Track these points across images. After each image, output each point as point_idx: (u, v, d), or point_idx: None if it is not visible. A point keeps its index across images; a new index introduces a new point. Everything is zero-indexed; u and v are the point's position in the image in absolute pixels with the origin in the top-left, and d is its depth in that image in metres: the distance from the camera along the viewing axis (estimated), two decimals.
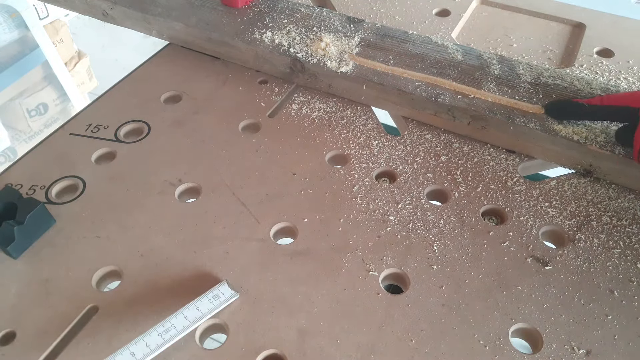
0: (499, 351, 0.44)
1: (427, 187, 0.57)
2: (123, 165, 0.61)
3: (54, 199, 0.57)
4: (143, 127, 0.65)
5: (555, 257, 0.51)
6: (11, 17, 1.53)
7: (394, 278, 0.51)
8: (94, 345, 0.45)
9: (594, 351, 0.44)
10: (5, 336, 0.46)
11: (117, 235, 0.54)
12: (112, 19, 0.78)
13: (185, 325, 0.45)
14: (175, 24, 0.72)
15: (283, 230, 0.55)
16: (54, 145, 0.63)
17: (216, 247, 0.52)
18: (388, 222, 0.54)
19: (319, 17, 0.72)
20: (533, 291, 0.48)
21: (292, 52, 0.67)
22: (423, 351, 0.45)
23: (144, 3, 0.75)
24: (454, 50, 0.67)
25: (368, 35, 0.69)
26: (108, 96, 0.70)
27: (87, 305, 0.48)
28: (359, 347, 0.45)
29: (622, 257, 0.51)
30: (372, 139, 0.63)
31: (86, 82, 1.86)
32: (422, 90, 0.62)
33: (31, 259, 0.52)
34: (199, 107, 0.67)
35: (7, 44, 1.55)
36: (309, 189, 0.57)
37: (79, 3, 0.79)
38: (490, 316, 0.47)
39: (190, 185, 0.59)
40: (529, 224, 0.54)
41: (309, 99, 0.68)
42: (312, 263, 0.51)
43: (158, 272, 0.51)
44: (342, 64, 0.65)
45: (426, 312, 0.47)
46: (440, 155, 0.61)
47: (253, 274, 0.50)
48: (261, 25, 0.71)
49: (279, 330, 0.46)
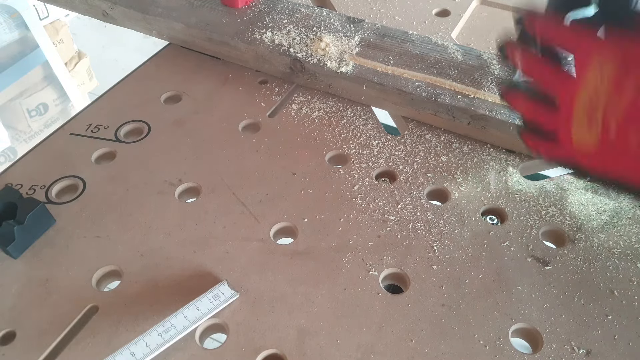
0: (499, 351, 0.44)
1: (427, 186, 0.57)
2: (123, 165, 0.61)
3: (54, 199, 0.57)
4: (143, 127, 0.65)
5: (555, 257, 0.51)
6: (11, 17, 1.53)
7: (394, 278, 0.51)
8: (93, 345, 0.45)
9: (594, 351, 0.44)
10: (5, 336, 0.46)
11: (117, 235, 0.54)
12: (112, 19, 0.78)
13: (185, 325, 0.45)
14: (176, 24, 0.72)
15: (283, 230, 0.55)
16: (54, 145, 0.63)
17: (216, 247, 0.52)
18: (388, 222, 0.54)
19: (319, 18, 0.72)
20: (533, 291, 0.48)
21: (292, 52, 0.67)
22: (423, 351, 0.45)
23: (144, 3, 0.75)
24: (454, 51, 0.67)
25: (368, 36, 0.69)
26: (108, 96, 0.70)
27: (87, 305, 0.48)
28: (359, 347, 0.45)
29: (622, 257, 0.51)
30: (372, 138, 0.63)
31: (86, 82, 1.86)
32: (422, 90, 0.62)
33: (31, 259, 0.52)
34: (199, 107, 0.67)
35: (7, 44, 1.55)
36: (309, 188, 0.58)
37: (79, 3, 0.79)
38: (490, 316, 0.47)
39: (190, 185, 0.59)
40: (529, 223, 0.54)
41: (309, 98, 0.68)
42: (312, 263, 0.51)
43: (158, 272, 0.51)
44: (342, 64, 0.65)
45: (426, 312, 0.47)
46: (440, 155, 0.61)
47: (253, 274, 0.50)
48: (261, 25, 0.71)
49: (279, 330, 0.46)
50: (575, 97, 0.38)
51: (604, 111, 0.36)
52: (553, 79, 0.40)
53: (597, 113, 0.37)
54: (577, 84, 0.38)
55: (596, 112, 0.37)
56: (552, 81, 0.41)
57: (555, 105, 0.40)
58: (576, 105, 0.38)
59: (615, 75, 0.35)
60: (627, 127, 0.36)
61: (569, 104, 0.39)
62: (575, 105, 0.38)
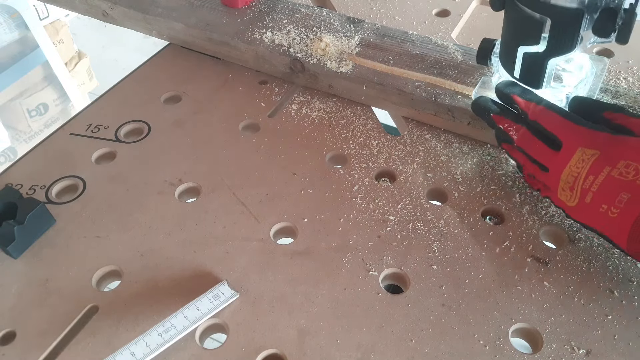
0: (499, 351, 0.44)
1: (427, 186, 0.57)
2: (123, 165, 0.61)
3: (54, 199, 0.57)
4: (143, 127, 0.65)
5: (555, 257, 0.51)
6: (11, 18, 1.53)
7: (394, 278, 0.51)
8: (94, 345, 0.45)
9: (594, 351, 0.44)
10: (6, 336, 0.46)
11: (117, 235, 0.54)
12: (112, 19, 0.78)
13: (185, 325, 0.45)
14: (176, 24, 0.72)
15: (283, 230, 0.55)
16: (54, 145, 0.63)
17: (216, 246, 0.52)
18: (388, 222, 0.54)
19: (319, 18, 0.72)
20: (533, 291, 0.48)
21: (292, 52, 0.67)
22: (423, 351, 0.45)
23: (144, 3, 0.75)
24: (454, 51, 0.67)
25: (368, 36, 0.69)
26: (108, 96, 0.70)
27: (87, 305, 0.48)
28: (359, 347, 0.45)
29: (622, 257, 0.51)
30: (372, 138, 0.63)
31: (86, 82, 1.86)
32: (422, 90, 0.62)
33: (31, 259, 0.52)
34: (199, 107, 0.67)
35: (7, 44, 1.55)
36: (309, 188, 0.58)
37: (79, 3, 0.79)
38: (490, 316, 0.47)
39: (191, 185, 0.59)
40: (529, 223, 0.54)
41: (308, 99, 0.68)
42: (312, 263, 0.51)
43: (158, 271, 0.51)
44: (342, 64, 0.65)
45: (426, 312, 0.47)
46: (440, 155, 0.61)
47: (253, 274, 0.50)
48: (261, 25, 0.71)
49: (279, 330, 0.46)
50: (561, 172, 0.48)
51: (582, 184, 0.47)
52: (542, 154, 0.50)
53: (577, 184, 0.47)
54: (564, 162, 0.48)
55: (576, 183, 0.47)
56: (541, 155, 0.50)
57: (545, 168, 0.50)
58: (561, 177, 0.48)
59: (595, 162, 0.46)
60: (600, 197, 0.46)
61: (556, 173, 0.49)
62: (561, 176, 0.48)
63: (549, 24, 0.48)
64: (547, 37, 0.49)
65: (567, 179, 0.48)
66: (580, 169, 0.47)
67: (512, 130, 0.53)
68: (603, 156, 0.46)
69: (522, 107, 0.52)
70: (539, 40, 0.50)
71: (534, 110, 0.51)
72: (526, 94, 0.53)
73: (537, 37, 0.49)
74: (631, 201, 0.44)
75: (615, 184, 0.45)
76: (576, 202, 0.47)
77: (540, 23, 0.48)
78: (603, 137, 0.47)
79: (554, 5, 0.46)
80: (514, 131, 0.53)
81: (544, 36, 0.49)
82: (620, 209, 0.44)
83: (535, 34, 0.49)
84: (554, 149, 0.49)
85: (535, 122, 0.51)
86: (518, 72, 0.54)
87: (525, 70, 0.53)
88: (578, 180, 0.47)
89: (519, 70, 0.53)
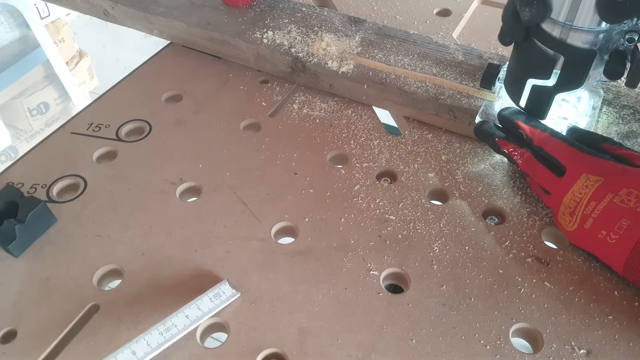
0: (500, 351, 0.45)
1: (428, 186, 0.57)
2: (124, 164, 0.61)
3: (55, 198, 0.57)
4: (144, 127, 0.65)
5: (556, 257, 0.51)
6: (12, 16, 1.53)
7: (395, 277, 0.51)
8: (94, 344, 0.46)
9: (595, 351, 0.44)
10: (6, 334, 0.47)
11: (118, 234, 0.54)
12: (113, 18, 0.78)
13: (186, 324, 0.45)
14: (177, 24, 0.72)
15: (284, 230, 0.55)
16: (55, 144, 0.63)
17: (217, 246, 0.52)
18: (389, 222, 0.54)
19: (320, 17, 0.72)
20: (534, 291, 0.48)
21: (293, 52, 0.67)
22: (424, 351, 0.45)
23: (145, 2, 0.75)
24: (455, 50, 0.67)
25: (369, 35, 0.69)
26: (109, 95, 0.70)
27: (88, 303, 0.48)
28: (360, 347, 0.45)
29: None
30: (373, 138, 0.63)
31: (87, 81, 1.86)
32: (423, 90, 0.62)
33: (32, 258, 0.52)
34: (200, 107, 0.67)
35: (8, 43, 1.55)
36: (310, 188, 0.58)
37: (80, 2, 0.79)
38: (491, 316, 0.47)
39: (192, 184, 0.59)
40: (530, 223, 0.54)
41: (309, 98, 0.68)
42: (313, 262, 0.51)
43: (159, 271, 0.51)
44: (343, 64, 0.65)
45: (427, 311, 0.47)
46: (441, 155, 0.61)
47: (254, 273, 0.50)
48: (262, 24, 0.71)
49: (280, 329, 0.46)
50: (564, 196, 0.49)
51: (584, 209, 0.47)
52: (546, 179, 0.51)
53: (579, 209, 0.48)
54: (566, 187, 0.49)
55: (577, 208, 0.48)
56: (545, 180, 0.51)
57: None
58: (563, 201, 0.49)
59: (599, 188, 0.47)
60: (600, 223, 0.46)
61: (558, 198, 0.50)
62: (562, 201, 0.49)
63: (562, 61, 0.49)
64: (558, 72, 0.50)
65: (568, 204, 0.48)
66: (583, 195, 0.47)
67: (517, 154, 0.54)
68: (607, 183, 0.47)
69: (527, 134, 0.53)
70: (550, 76, 0.51)
71: (540, 137, 0.52)
72: (531, 120, 0.54)
73: (549, 72, 0.51)
74: (631, 227, 0.45)
75: (617, 211, 0.46)
76: (575, 227, 0.48)
77: (554, 60, 0.50)
78: (607, 165, 0.48)
79: (570, 45, 0.48)
80: (519, 156, 0.54)
81: (555, 72, 0.50)
82: (620, 234, 0.45)
83: (547, 70, 0.51)
84: (558, 174, 0.50)
85: (541, 148, 0.52)
86: (524, 102, 0.55)
87: (531, 101, 0.54)
88: (580, 205, 0.48)
89: (525, 100, 0.55)
